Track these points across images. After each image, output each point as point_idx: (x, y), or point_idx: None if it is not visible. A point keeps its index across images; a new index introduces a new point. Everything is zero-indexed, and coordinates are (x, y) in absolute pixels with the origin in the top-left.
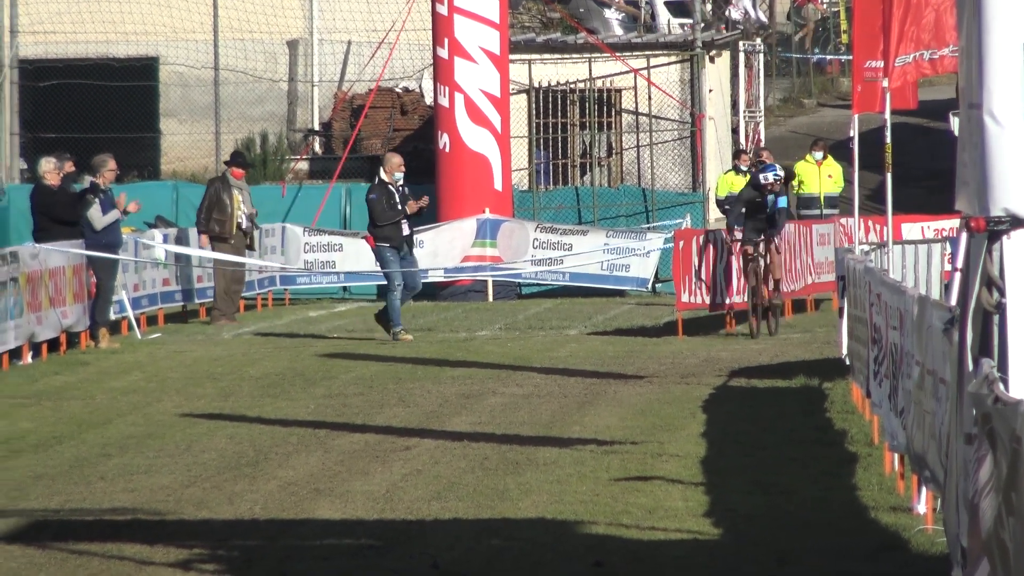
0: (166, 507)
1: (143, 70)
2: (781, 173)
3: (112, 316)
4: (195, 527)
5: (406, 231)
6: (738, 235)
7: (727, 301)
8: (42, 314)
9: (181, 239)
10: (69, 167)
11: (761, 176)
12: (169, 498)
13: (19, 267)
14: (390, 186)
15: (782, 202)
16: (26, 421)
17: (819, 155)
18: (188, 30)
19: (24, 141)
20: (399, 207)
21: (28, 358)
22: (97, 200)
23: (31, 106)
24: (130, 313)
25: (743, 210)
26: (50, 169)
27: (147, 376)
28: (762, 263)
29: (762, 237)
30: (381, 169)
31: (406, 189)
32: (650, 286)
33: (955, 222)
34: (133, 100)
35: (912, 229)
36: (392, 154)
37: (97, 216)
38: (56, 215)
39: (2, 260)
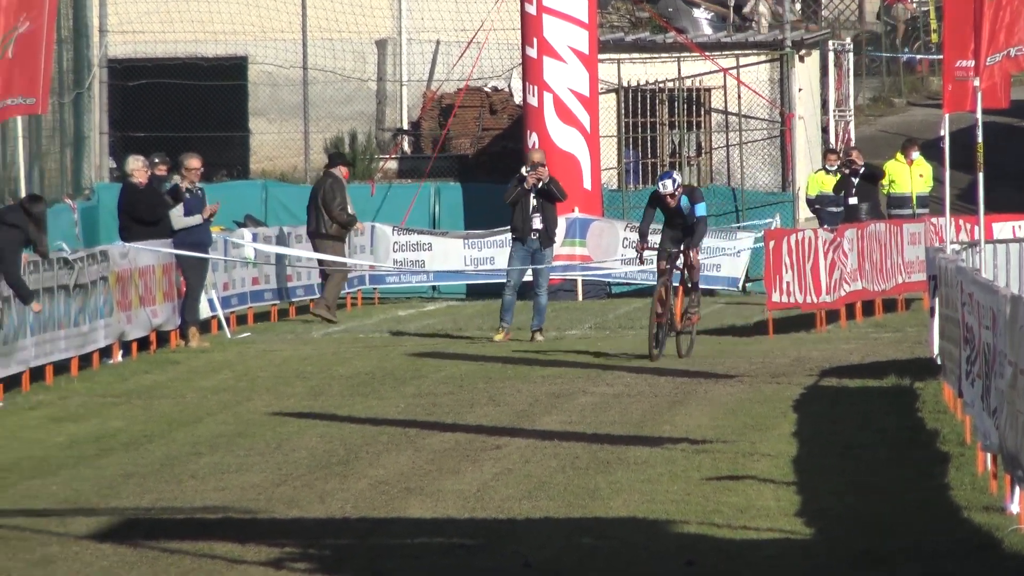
0: (257, 505)
1: (232, 69)
2: (679, 179)
3: (202, 315)
4: (286, 525)
5: (536, 224)
6: (653, 241)
7: (816, 300)
8: (132, 313)
9: (279, 239)
10: (162, 169)
11: (660, 185)
12: (260, 496)
13: (109, 266)
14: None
15: (700, 210)
16: (117, 420)
17: (916, 155)
18: (277, 29)
19: (113, 140)
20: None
21: (118, 357)
22: (181, 202)
23: (120, 105)
24: (220, 312)
25: (651, 224)
26: (138, 167)
27: (237, 375)
28: (673, 280)
29: (679, 249)
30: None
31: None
32: (740, 286)
33: None
34: (222, 99)
35: (1003, 228)
36: (536, 150)
37: (177, 216)
38: (137, 214)
39: (92, 259)
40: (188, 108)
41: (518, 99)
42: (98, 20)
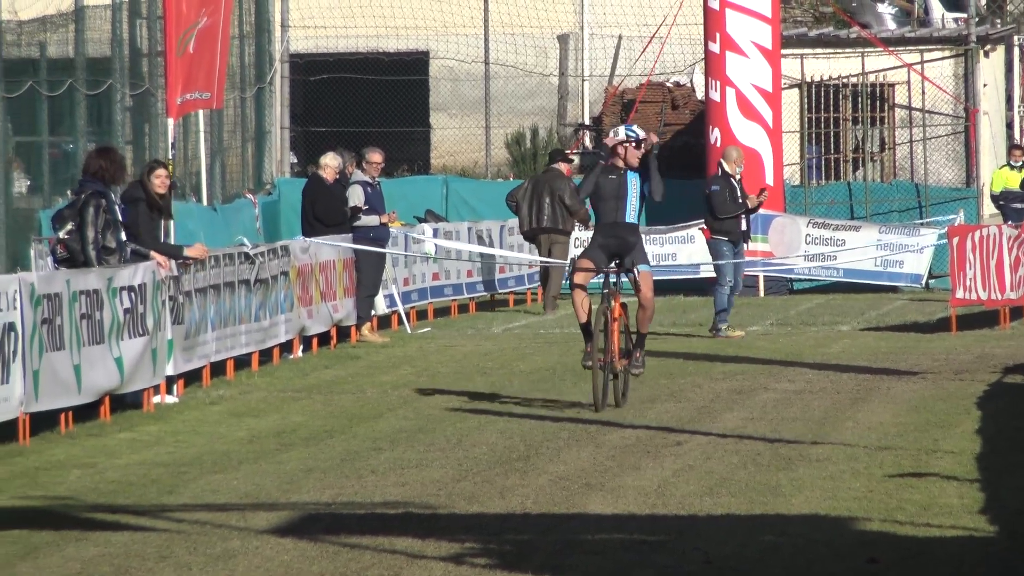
0: (437, 501)
1: (413, 64)
2: (642, 134)
3: (383, 311)
4: (467, 521)
5: (744, 226)
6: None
7: (1000, 297)
8: (313, 308)
9: (460, 234)
10: (350, 168)
11: (612, 132)
12: (440, 492)
13: (290, 261)
14: (732, 179)
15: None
16: (297, 415)
17: None
18: (459, 24)
19: (294, 135)
20: (740, 200)
21: (299, 352)
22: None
23: (302, 100)
24: (400, 307)
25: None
26: (331, 164)
27: (417, 370)
28: (615, 304)
29: (616, 263)
30: (722, 161)
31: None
32: (923, 282)
33: None
34: (403, 94)
35: None
36: (733, 147)
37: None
38: (318, 211)
39: (273, 254)
40: (369, 103)
41: (700, 94)
42: (280, 15)
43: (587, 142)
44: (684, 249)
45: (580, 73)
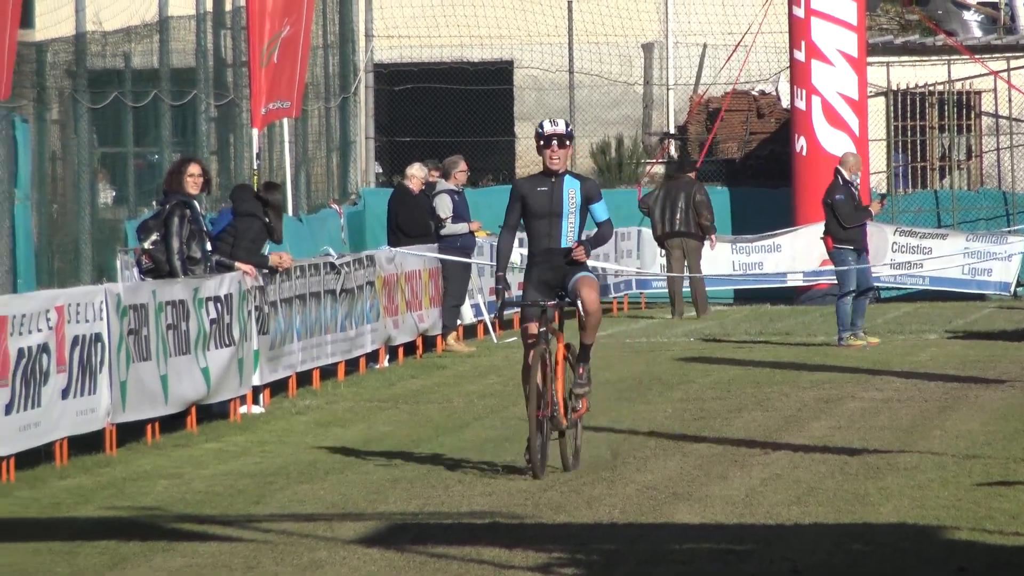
0: (524, 511)
1: (498, 74)
2: (561, 126)
3: (468, 320)
4: (554, 531)
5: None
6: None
7: None
8: (399, 318)
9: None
10: (433, 175)
11: (545, 125)
12: (527, 502)
13: (375, 271)
14: (851, 186)
15: (599, 211)
16: (384, 424)
17: None
18: (543, 33)
19: (379, 145)
20: (863, 209)
21: (385, 362)
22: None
23: (386, 110)
24: (486, 317)
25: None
26: (417, 174)
27: (503, 380)
28: (554, 346)
29: (556, 300)
30: (840, 168)
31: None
32: (1012, 290)
33: None
34: (488, 104)
35: None
36: (850, 153)
37: (448, 223)
38: (403, 221)
39: (359, 264)
40: (454, 112)
41: (786, 103)
42: (364, 25)
43: (672, 151)
44: (770, 258)
45: (665, 82)
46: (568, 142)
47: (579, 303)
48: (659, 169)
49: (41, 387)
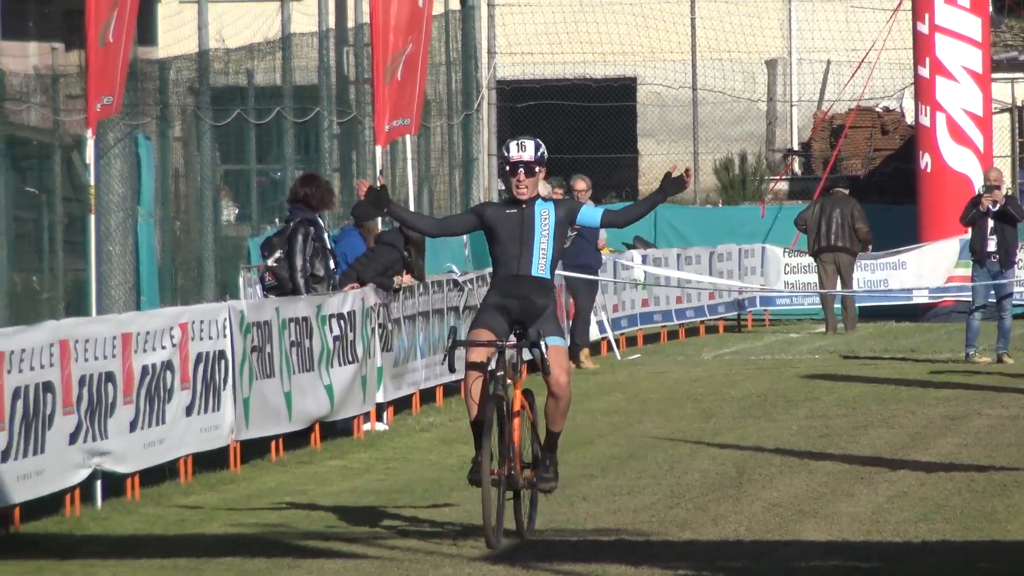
0: (650, 528)
1: (621, 90)
2: (543, 150)
3: (592, 337)
4: (680, 548)
5: (991, 247)
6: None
7: None
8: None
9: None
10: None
11: (512, 144)
12: (653, 519)
13: None
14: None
15: (590, 215)
16: None
17: None
18: (666, 50)
19: (502, 162)
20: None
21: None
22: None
23: (509, 127)
24: (610, 334)
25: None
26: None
27: (628, 396)
28: (516, 396)
29: (517, 331)
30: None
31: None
32: None
33: None
34: (611, 120)
35: None
36: (993, 168)
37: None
38: None
39: (482, 281)
40: (576, 129)
41: (910, 119)
42: (487, 42)
43: (796, 168)
44: (896, 275)
45: (788, 98)
46: (537, 168)
47: (546, 380)
48: (783, 186)
49: (165, 404)
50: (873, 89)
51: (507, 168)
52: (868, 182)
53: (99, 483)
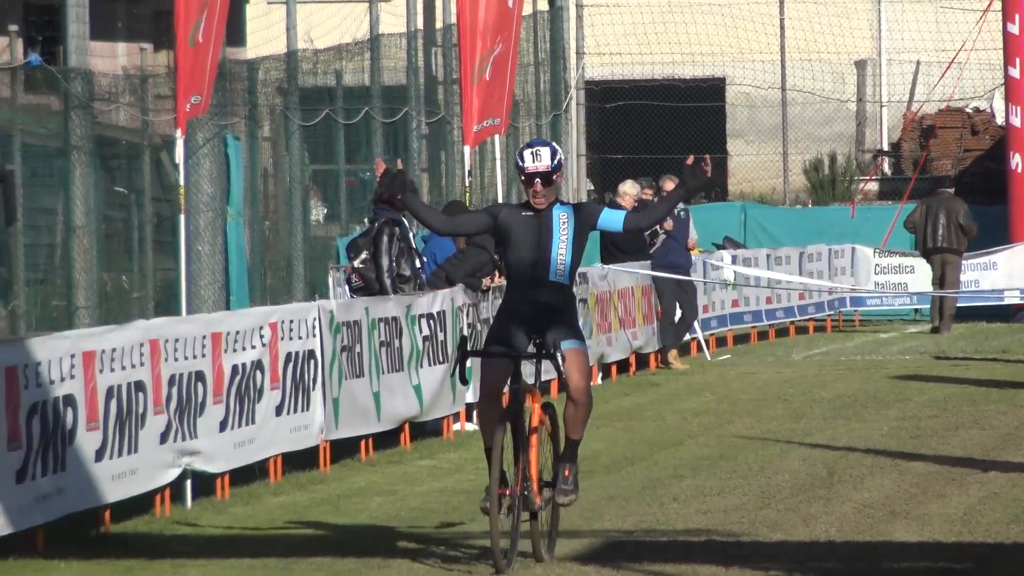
0: (740, 528)
1: (710, 91)
2: (545, 161)
3: (683, 338)
4: (770, 549)
5: None
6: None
7: None
8: (611, 335)
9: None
10: (647, 193)
11: (524, 156)
12: (743, 519)
13: (588, 288)
14: None
15: (611, 219)
16: (598, 442)
17: None
18: (755, 51)
19: (591, 163)
20: None
21: (597, 379)
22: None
23: (598, 127)
24: (700, 334)
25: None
26: (630, 192)
27: (718, 397)
28: (533, 407)
29: (535, 341)
30: None
31: None
32: None
33: None
34: (700, 121)
35: None
36: None
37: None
38: (618, 239)
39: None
40: (665, 130)
41: (1000, 120)
42: (575, 43)
43: (886, 168)
44: (987, 276)
45: (878, 99)
46: (555, 177)
47: (566, 388)
48: (872, 187)
49: (255, 404)
50: (963, 90)
51: (523, 178)
52: (958, 183)
53: (189, 483)
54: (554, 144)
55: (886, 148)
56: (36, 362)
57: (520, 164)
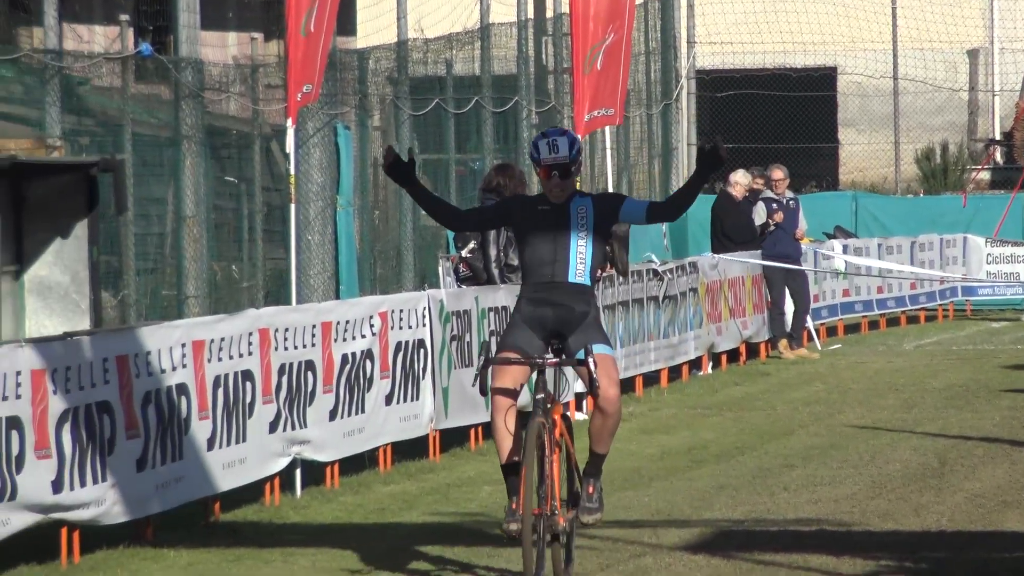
0: (851, 518)
1: (821, 80)
2: (562, 150)
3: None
4: (881, 538)
5: None
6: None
7: None
8: (722, 324)
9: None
10: (757, 182)
11: (542, 144)
12: (854, 509)
13: (698, 277)
14: None
15: (634, 209)
16: (708, 431)
17: None
18: (866, 40)
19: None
20: None
21: (708, 368)
22: (768, 215)
23: (708, 116)
24: (810, 324)
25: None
26: (741, 181)
27: (828, 387)
28: (555, 420)
29: (555, 347)
30: None
31: None
32: None
33: None
34: (811, 110)
35: None
36: None
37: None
38: (728, 228)
39: (682, 270)
40: (776, 119)
41: None
42: (686, 32)
43: (998, 157)
44: None
45: (990, 88)
46: (573, 169)
47: (595, 395)
48: (984, 176)
49: (365, 393)
50: None
51: (538, 170)
52: None
53: (299, 471)
54: (571, 132)
55: (998, 137)
56: (147, 351)
57: (535, 155)
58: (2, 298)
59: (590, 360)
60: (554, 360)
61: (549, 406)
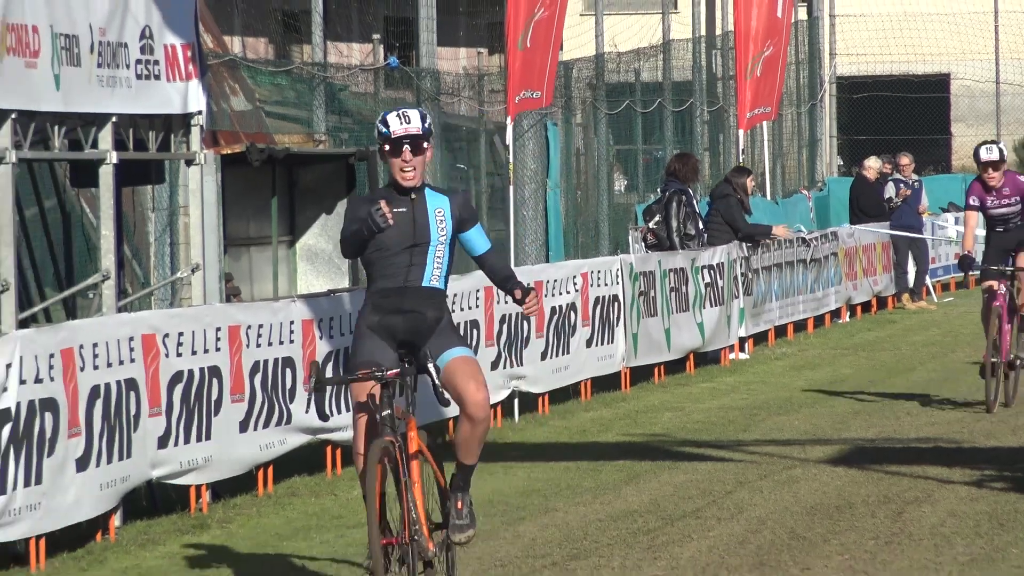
0: (961, 436)
1: (937, 84)
2: (414, 125)
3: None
4: (986, 453)
5: None
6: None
7: None
8: (857, 282)
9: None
10: (886, 167)
11: (391, 117)
12: (963, 429)
13: (838, 244)
14: None
15: (477, 239)
16: (846, 368)
17: None
18: (974, 51)
19: (840, 143)
20: None
21: (846, 317)
22: (895, 193)
23: (846, 114)
24: (928, 281)
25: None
26: (873, 166)
27: (943, 332)
28: (411, 438)
29: (409, 362)
30: None
31: None
32: None
33: None
34: (929, 109)
35: None
36: None
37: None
38: (863, 204)
39: (824, 239)
40: (900, 115)
41: None
42: (828, 45)
43: None
44: None
45: None
46: (426, 144)
47: (460, 402)
48: None
49: (570, 338)
50: None
51: (387, 147)
52: None
53: (516, 401)
54: (422, 109)
55: None
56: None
57: (383, 131)
58: (279, 262)
59: (431, 366)
60: (394, 371)
61: (400, 421)
